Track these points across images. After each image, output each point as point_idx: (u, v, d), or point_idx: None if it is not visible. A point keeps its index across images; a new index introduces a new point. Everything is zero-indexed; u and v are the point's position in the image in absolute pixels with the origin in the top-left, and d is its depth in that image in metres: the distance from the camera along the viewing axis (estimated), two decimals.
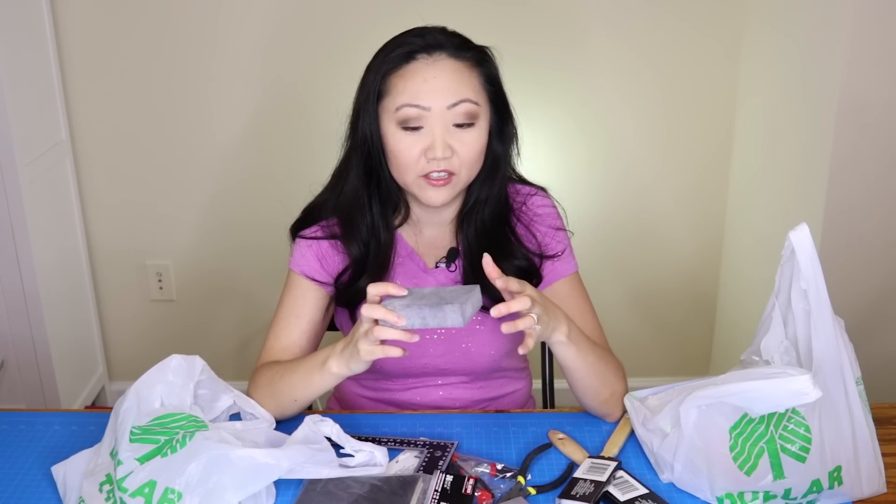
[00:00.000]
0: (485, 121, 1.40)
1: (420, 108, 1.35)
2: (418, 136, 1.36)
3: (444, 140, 1.35)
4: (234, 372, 2.38)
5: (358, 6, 2.47)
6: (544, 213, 1.53)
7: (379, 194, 1.45)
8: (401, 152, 1.37)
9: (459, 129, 1.37)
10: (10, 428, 1.43)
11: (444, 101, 1.35)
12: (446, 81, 1.36)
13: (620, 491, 1.23)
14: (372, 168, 1.42)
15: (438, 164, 1.36)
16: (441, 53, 1.37)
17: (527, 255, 1.48)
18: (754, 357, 1.28)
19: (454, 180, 1.39)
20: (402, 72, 1.37)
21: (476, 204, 1.47)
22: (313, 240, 1.49)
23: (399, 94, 1.36)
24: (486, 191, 1.46)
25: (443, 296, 1.23)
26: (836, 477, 1.20)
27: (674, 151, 2.64)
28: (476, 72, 1.39)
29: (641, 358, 2.82)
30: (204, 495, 1.15)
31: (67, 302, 2.57)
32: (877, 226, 2.05)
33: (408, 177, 1.39)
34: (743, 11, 2.49)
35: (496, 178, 1.46)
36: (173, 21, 2.50)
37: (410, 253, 1.51)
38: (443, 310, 1.19)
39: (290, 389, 1.37)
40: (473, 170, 1.41)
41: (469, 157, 1.38)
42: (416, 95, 1.35)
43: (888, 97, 1.95)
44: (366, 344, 1.24)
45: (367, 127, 1.40)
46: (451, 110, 1.35)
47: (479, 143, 1.39)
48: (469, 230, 1.48)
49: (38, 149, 2.39)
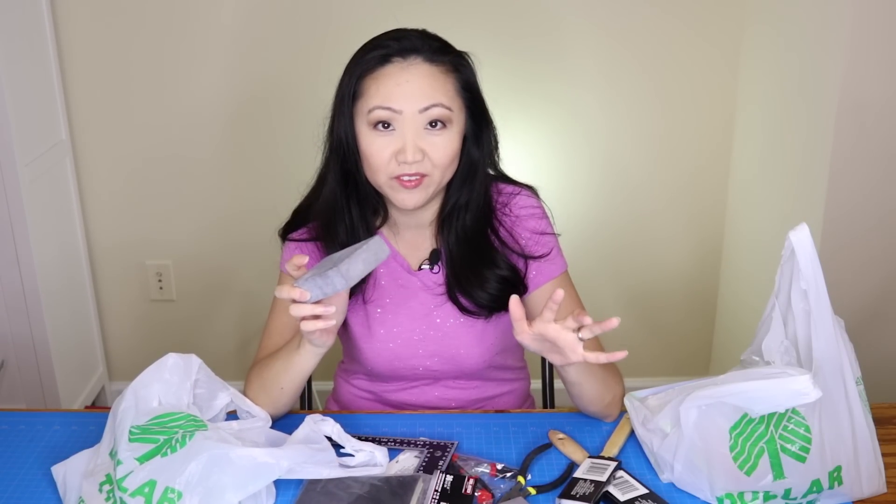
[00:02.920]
0: (458, 125, 1.39)
1: (391, 110, 1.35)
2: (390, 138, 1.36)
3: (415, 143, 1.35)
4: (234, 372, 2.39)
5: (354, 4, 2.47)
6: (527, 215, 1.51)
7: (357, 196, 1.45)
8: (372, 155, 1.37)
9: (431, 131, 1.36)
10: (10, 428, 1.43)
11: (416, 104, 1.35)
12: (419, 86, 1.35)
13: (620, 491, 1.23)
14: (349, 171, 1.43)
15: (409, 167, 1.35)
16: (416, 58, 1.37)
17: (510, 265, 1.47)
18: (754, 357, 1.28)
19: (426, 182, 1.38)
20: (376, 75, 1.37)
21: (455, 209, 1.46)
22: (301, 241, 1.50)
23: (372, 96, 1.36)
24: (465, 195, 1.45)
25: (335, 259, 1.27)
26: (836, 477, 1.20)
27: (673, 151, 2.64)
28: (451, 77, 1.39)
29: (641, 358, 2.82)
30: (204, 495, 1.15)
31: (67, 302, 2.57)
32: (877, 226, 2.05)
33: (380, 178, 1.39)
34: (742, 11, 2.49)
35: (474, 182, 1.45)
36: (173, 21, 2.50)
37: (394, 254, 1.51)
38: (327, 276, 1.23)
39: (276, 376, 1.39)
40: (447, 173, 1.40)
41: (441, 161, 1.37)
42: (388, 98, 1.35)
43: (888, 97, 1.95)
44: (303, 326, 1.26)
45: (343, 129, 1.40)
46: (423, 114, 1.35)
47: (450, 147, 1.38)
48: (450, 237, 1.47)
49: (38, 149, 2.39)
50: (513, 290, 1.45)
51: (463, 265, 1.46)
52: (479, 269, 1.45)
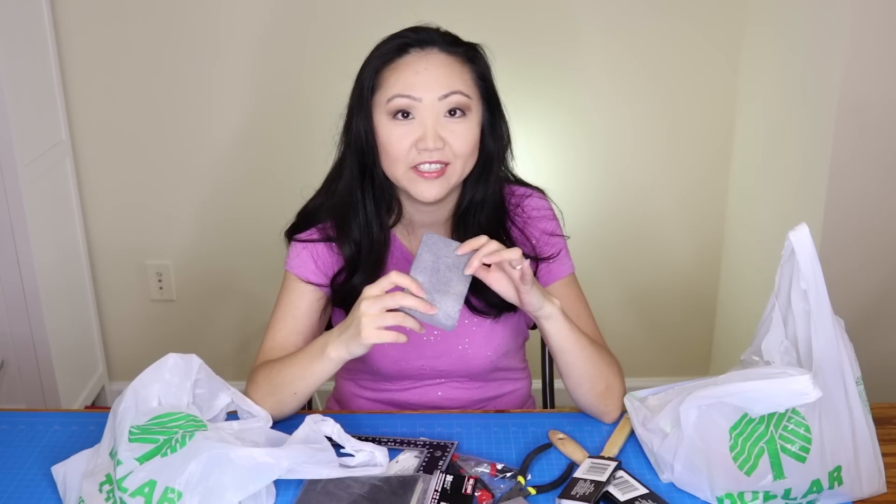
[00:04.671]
0: (477, 114, 1.40)
1: (411, 98, 1.35)
2: (409, 127, 1.36)
3: (435, 130, 1.35)
4: (234, 372, 2.38)
5: (356, 6, 2.47)
6: (539, 216, 1.52)
7: (373, 192, 1.44)
8: (391, 144, 1.37)
9: (451, 119, 1.36)
10: (10, 428, 1.43)
11: (436, 92, 1.35)
12: (437, 74, 1.36)
13: (620, 491, 1.23)
14: (365, 166, 1.42)
15: (430, 154, 1.35)
16: (433, 48, 1.38)
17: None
18: (754, 357, 1.28)
19: (448, 171, 1.37)
20: (395, 65, 1.37)
21: (471, 206, 1.46)
22: (309, 242, 1.49)
23: (391, 86, 1.36)
24: (480, 191, 1.45)
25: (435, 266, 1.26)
26: (836, 477, 1.20)
27: (674, 152, 2.64)
28: (467, 67, 1.40)
29: (641, 358, 2.82)
30: (204, 495, 1.15)
31: (67, 302, 2.58)
32: (877, 226, 2.05)
33: (398, 170, 1.38)
34: (743, 12, 2.49)
35: (490, 177, 1.45)
36: (173, 21, 2.50)
37: (405, 253, 1.51)
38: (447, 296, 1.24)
39: (290, 382, 1.37)
40: (468, 163, 1.40)
41: (462, 149, 1.37)
42: (408, 86, 1.35)
43: (888, 97, 1.95)
44: (370, 328, 1.23)
45: (361, 123, 1.40)
46: (443, 101, 1.35)
47: (470, 135, 1.38)
48: (466, 235, 1.46)
49: (38, 149, 2.39)
50: None
51: None
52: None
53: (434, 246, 1.23)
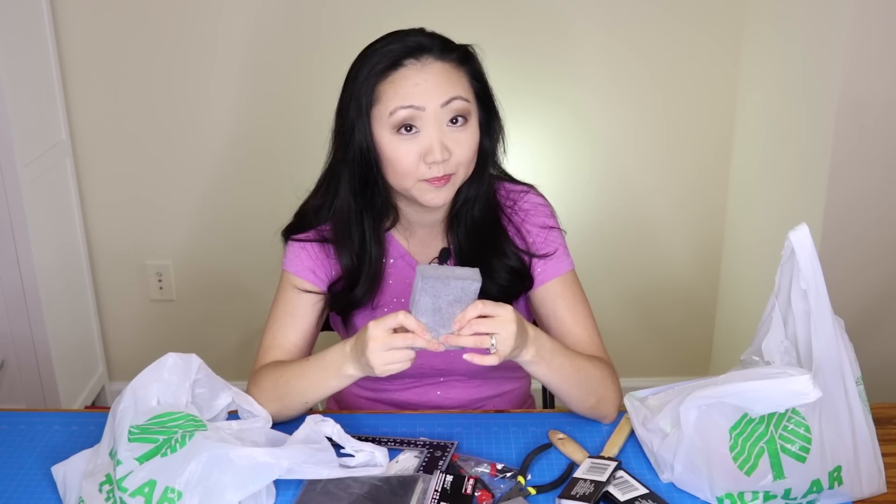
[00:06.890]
0: (476, 118, 1.40)
1: (414, 108, 1.34)
2: (414, 140, 1.35)
3: (441, 141, 1.35)
4: (234, 371, 2.38)
5: (356, 6, 2.47)
6: (535, 211, 1.52)
7: (372, 204, 1.44)
8: (398, 160, 1.36)
9: (454, 127, 1.36)
10: (10, 428, 1.43)
11: (438, 99, 1.35)
12: (437, 83, 1.35)
13: (620, 491, 1.23)
14: (366, 181, 1.41)
15: (439, 168, 1.35)
16: (428, 56, 1.37)
17: (517, 255, 1.48)
18: (754, 357, 1.28)
19: (453, 179, 1.39)
20: (392, 78, 1.36)
21: (465, 203, 1.47)
22: (306, 241, 1.49)
23: (391, 99, 1.35)
24: (474, 189, 1.46)
25: (437, 290, 1.24)
26: (836, 477, 1.20)
27: (673, 151, 2.64)
28: (463, 70, 1.39)
29: (641, 358, 2.82)
30: (204, 494, 1.15)
31: (67, 302, 2.57)
32: (877, 226, 2.05)
33: (407, 182, 1.38)
34: (743, 11, 2.49)
35: (483, 175, 1.46)
36: (173, 21, 2.50)
37: (403, 254, 1.51)
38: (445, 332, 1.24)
39: (301, 392, 1.38)
40: (470, 168, 1.41)
41: (465, 157, 1.38)
42: (409, 97, 1.34)
43: (888, 97, 1.95)
44: (382, 366, 1.25)
45: (362, 138, 1.38)
46: (445, 108, 1.35)
47: (473, 141, 1.39)
48: (459, 229, 1.48)
49: (38, 149, 2.39)
50: (521, 283, 1.47)
51: (472, 256, 1.46)
52: (488, 260, 1.45)
53: (432, 289, 1.23)
